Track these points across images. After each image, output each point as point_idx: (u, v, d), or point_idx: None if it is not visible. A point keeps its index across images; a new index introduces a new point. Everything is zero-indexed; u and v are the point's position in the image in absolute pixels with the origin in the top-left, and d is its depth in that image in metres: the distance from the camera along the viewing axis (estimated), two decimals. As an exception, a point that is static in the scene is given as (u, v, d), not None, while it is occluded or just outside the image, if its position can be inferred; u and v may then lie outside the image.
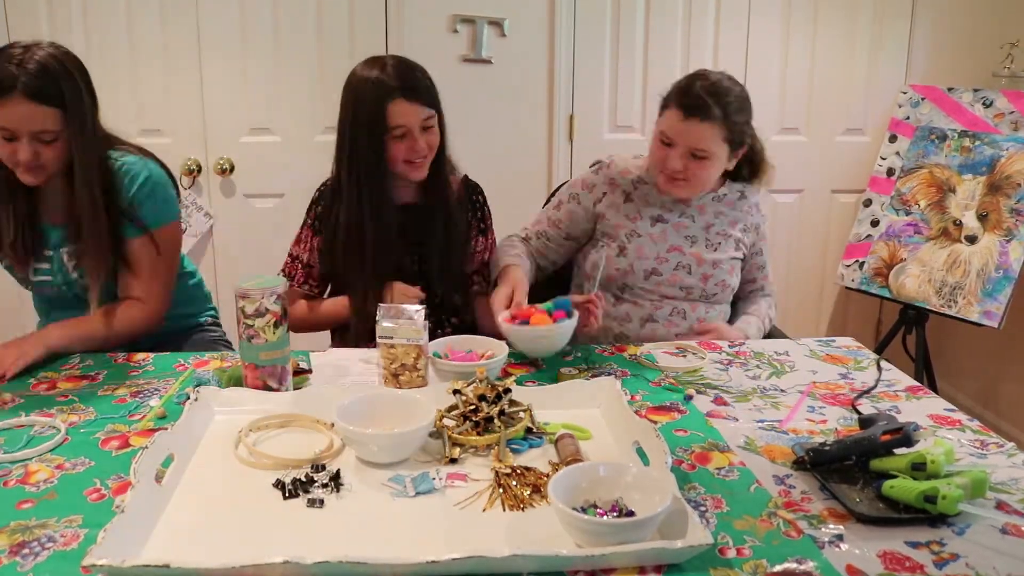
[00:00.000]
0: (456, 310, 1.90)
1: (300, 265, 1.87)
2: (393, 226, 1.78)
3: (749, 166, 1.92)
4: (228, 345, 1.98)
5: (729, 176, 1.93)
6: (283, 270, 1.90)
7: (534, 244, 1.95)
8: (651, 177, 1.89)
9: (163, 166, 1.77)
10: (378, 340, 1.46)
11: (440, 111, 1.76)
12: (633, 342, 1.83)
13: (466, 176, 1.94)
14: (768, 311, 1.94)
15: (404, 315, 1.45)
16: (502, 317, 1.60)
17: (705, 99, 1.71)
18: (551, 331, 1.56)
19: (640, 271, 1.84)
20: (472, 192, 1.93)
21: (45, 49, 1.55)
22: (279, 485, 1.13)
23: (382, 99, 1.67)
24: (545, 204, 2.03)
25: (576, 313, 1.59)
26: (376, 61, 1.74)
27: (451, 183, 1.86)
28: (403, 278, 1.80)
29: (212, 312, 2.07)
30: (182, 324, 1.97)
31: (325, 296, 1.93)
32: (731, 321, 1.93)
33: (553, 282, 2.03)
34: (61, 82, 1.54)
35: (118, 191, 1.66)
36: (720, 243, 1.87)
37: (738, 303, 2.00)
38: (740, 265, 1.92)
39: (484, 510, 1.09)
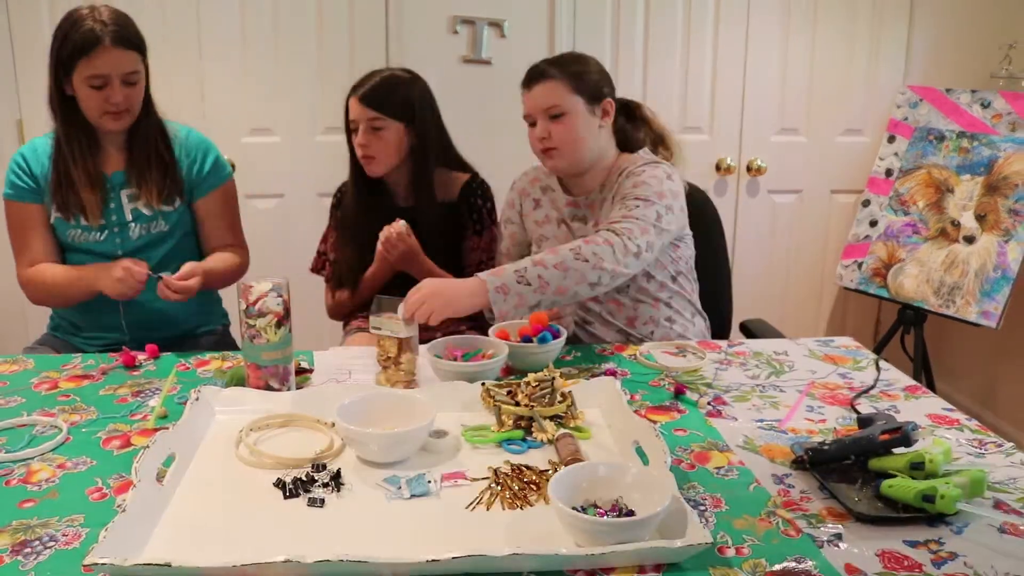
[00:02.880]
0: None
1: (327, 262, 2.07)
2: (386, 220, 1.89)
3: (652, 135, 1.90)
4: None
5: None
6: (313, 265, 2.10)
7: None
8: (554, 182, 1.92)
9: None
10: (371, 329, 1.49)
11: (411, 121, 1.90)
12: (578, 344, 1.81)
13: (472, 177, 2.03)
14: (584, 246, 1.55)
15: (392, 307, 1.47)
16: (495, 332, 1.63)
17: (539, 66, 1.80)
18: (544, 348, 1.57)
19: None
20: (470, 194, 2.01)
21: (107, 6, 1.76)
22: (280, 484, 1.14)
23: (347, 97, 1.91)
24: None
25: (564, 332, 1.61)
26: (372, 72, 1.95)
27: (433, 191, 1.96)
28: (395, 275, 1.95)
29: (225, 319, 2.08)
30: (196, 329, 1.98)
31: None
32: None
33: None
34: (135, 27, 1.76)
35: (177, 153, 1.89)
36: None
37: None
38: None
39: (487, 508, 1.09)
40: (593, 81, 1.79)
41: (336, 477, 1.15)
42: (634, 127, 1.91)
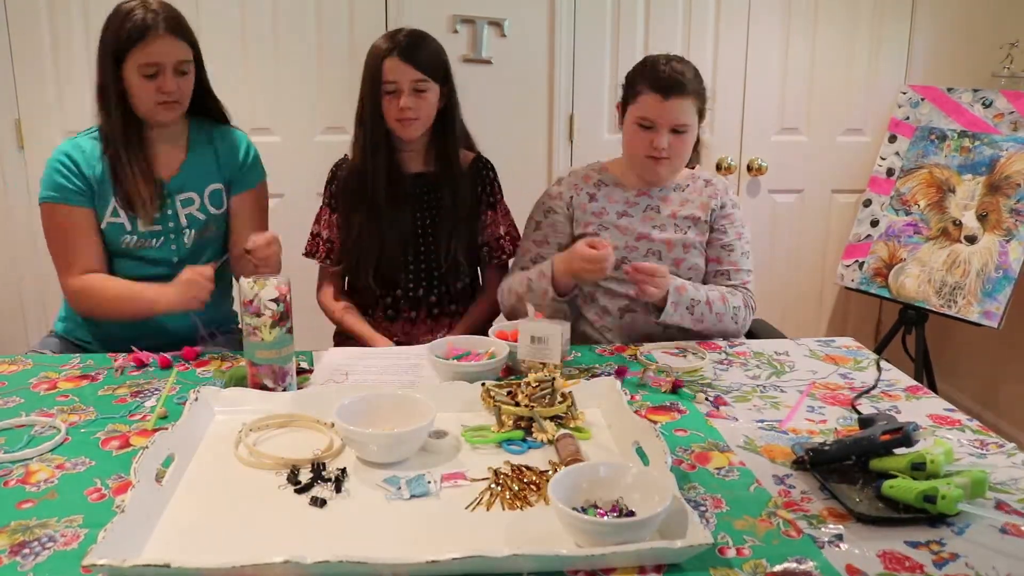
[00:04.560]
0: (454, 297, 2.00)
1: (321, 242, 2.00)
2: (400, 184, 1.90)
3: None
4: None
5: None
6: (306, 249, 2.03)
7: None
8: (610, 177, 1.93)
9: None
10: (524, 359, 1.53)
11: (445, 82, 1.87)
12: (616, 334, 1.84)
13: (479, 154, 2.02)
14: (730, 298, 1.81)
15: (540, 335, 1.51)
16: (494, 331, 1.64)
17: (677, 77, 1.77)
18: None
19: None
20: (482, 167, 2.00)
21: None
22: (291, 479, 1.14)
23: (381, 57, 1.82)
24: (521, 239, 2.01)
25: (568, 323, 1.61)
26: (394, 31, 1.88)
27: (458, 155, 1.94)
28: (409, 243, 1.94)
29: (236, 321, 2.06)
30: (210, 324, 1.95)
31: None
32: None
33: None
34: (185, 20, 1.75)
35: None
36: (689, 227, 1.87)
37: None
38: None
39: (487, 508, 1.09)
40: (705, 100, 1.85)
41: (340, 477, 1.15)
42: None
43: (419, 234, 1.95)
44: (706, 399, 1.45)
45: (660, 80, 1.77)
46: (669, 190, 1.90)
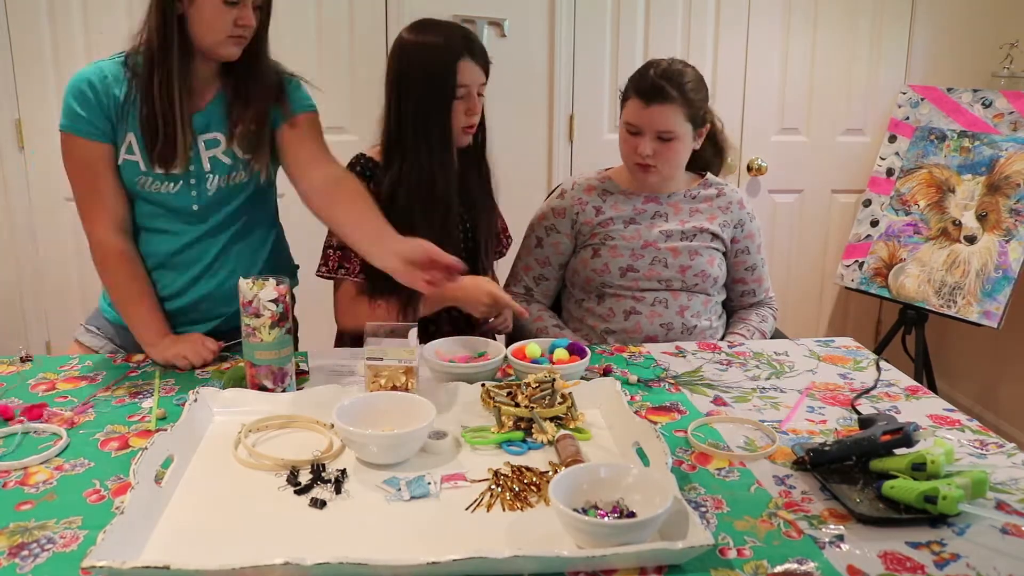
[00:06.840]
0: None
1: (353, 253, 1.73)
2: (455, 191, 1.76)
3: (712, 147, 1.95)
4: None
5: (696, 166, 1.95)
6: (326, 265, 1.79)
7: (538, 292, 1.97)
8: (615, 185, 1.93)
9: None
10: (368, 361, 1.39)
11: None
12: (619, 336, 1.84)
13: None
14: (760, 324, 1.93)
15: (396, 334, 1.40)
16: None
17: (661, 83, 1.77)
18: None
19: (616, 269, 1.86)
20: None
21: None
22: (290, 480, 1.14)
23: (452, 59, 1.68)
24: (519, 251, 2.01)
25: (589, 352, 1.53)
26: (435, 26, 1.75)
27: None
28: (453, 245, 1.70)
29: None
30: (224, 323, 1.79)
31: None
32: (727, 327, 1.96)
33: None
34: None
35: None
36: (696, 235, 1.88)
37: (732, 313, 2.00)
38: (721, 258, 1.91)
39: (488, 510, 1.09)
40: (702, 107, 1.82)
41: (340, 479, 1.14)
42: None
43: (462, 238, 1.83)
44: (639, 380, 1.49)
45: (643, 86, 1.78)
46: (679, 197, 1.91)
